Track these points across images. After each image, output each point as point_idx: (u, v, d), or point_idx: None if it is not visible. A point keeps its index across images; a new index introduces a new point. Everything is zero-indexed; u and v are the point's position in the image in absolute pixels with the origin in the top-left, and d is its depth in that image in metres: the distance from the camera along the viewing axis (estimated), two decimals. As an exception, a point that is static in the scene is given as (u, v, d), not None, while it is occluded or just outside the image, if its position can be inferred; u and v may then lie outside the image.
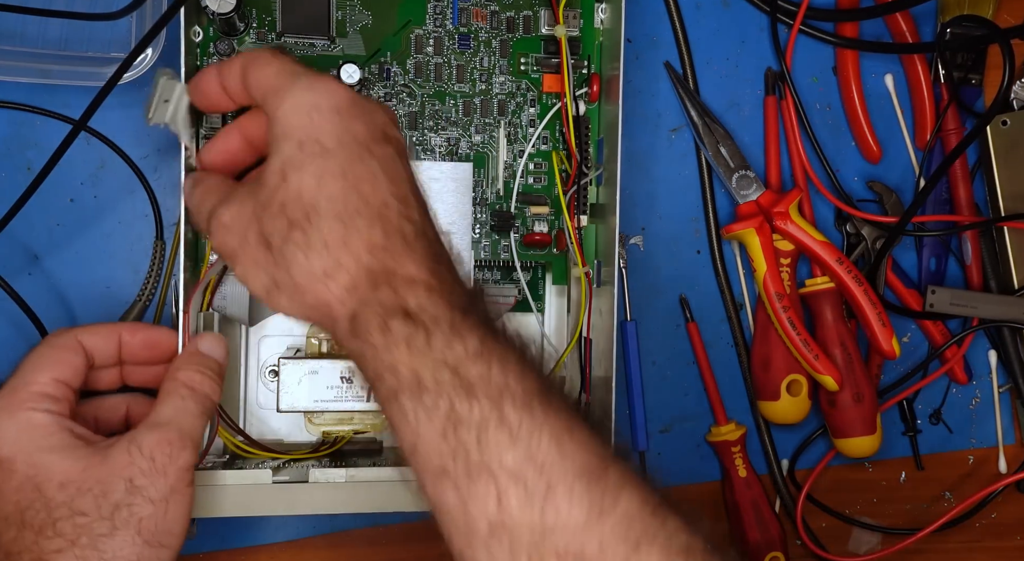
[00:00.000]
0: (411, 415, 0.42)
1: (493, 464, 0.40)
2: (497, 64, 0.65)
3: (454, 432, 0.41)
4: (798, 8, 0.69)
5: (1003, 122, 0.70)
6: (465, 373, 0.42)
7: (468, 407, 0.41)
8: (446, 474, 0.41)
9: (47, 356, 0.52)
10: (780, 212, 0.67)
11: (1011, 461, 0.75)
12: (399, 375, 0.42)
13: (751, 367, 0.70)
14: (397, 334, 0.42)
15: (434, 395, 0.41)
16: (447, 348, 0.42)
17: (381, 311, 0.43)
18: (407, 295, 0.43)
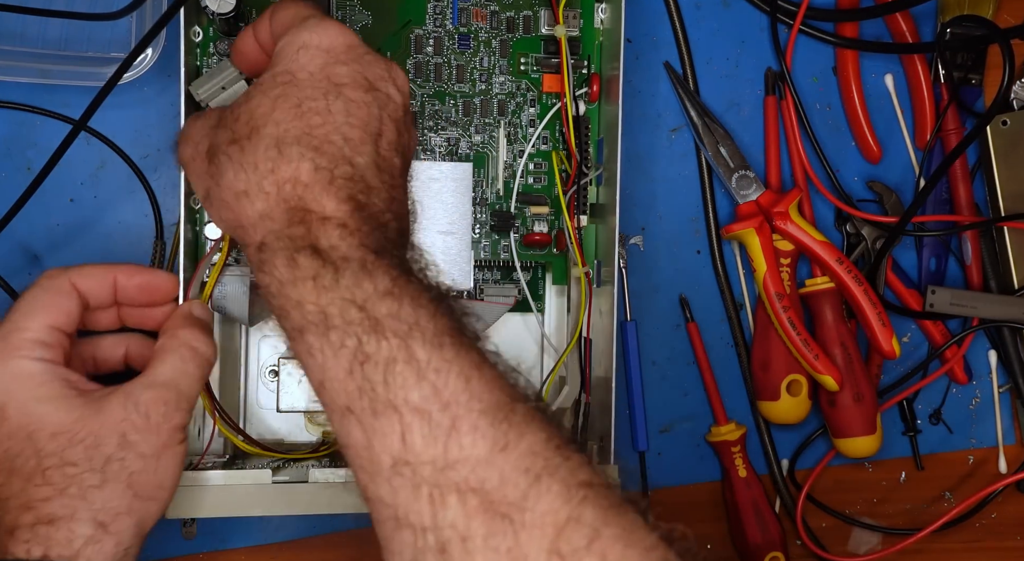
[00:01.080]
0: (317, 353, 0.41)
1: (398, 401, 0.40)
2: (497, 64, 0.65)
3: (360, 369, 0.40)
4: (798, 8, 0.69)
5: (1003, 122, 0.70)
6: (373, 311, 0.41)
7: (376, 345, 0.40)
8: (351, 411, 0.40)
9: (40, 300, 0.51)
10: (780, 212, 0.67)
11: (1011, 461, 0.75)
12: (304, 311, 0.42)
13: (751, 367, 0.70)
14: (304, 269, 0.42)
15: (341, 332, 0.41)
16: (355, 286, 0.42)
17: (290, 244, 0.43)
18: (319, 232, 0.43)
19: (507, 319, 0.67)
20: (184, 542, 0.66)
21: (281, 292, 0.43)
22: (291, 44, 0.48)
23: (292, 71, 0.47)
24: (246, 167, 0.45)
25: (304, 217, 0.43)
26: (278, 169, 0.44)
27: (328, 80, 0.47)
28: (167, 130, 0.61)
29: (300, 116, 0.45)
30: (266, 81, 0.47)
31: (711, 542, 0.72)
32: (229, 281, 0.60)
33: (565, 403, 0.65)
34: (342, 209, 0.44)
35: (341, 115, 0.46)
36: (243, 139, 0.45)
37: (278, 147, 0.44)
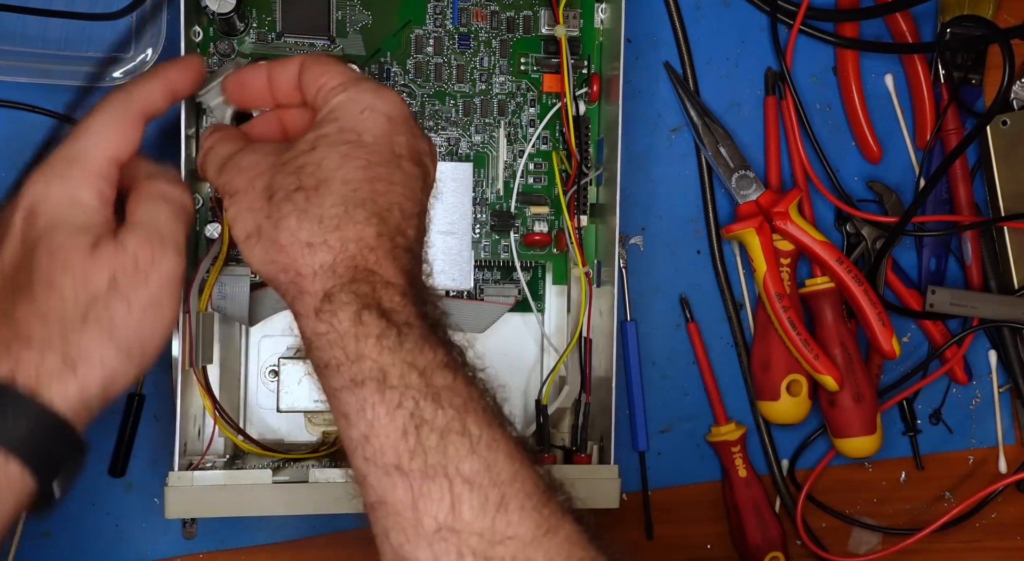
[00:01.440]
0: (370, 408, 0.42)
1: (450, 469, 0.41)
2: (497, 64, 0.65)
3: (416, 432, 0.42)
4: (798, 8, 0.69)
5: (1003, 122, 0.70)
6: (433, 379, 0.43)
7: (433, 412, 0.42)
8: (400, 470, 0.42)
9: (109, 128, 0.49)
10: (780, 212, 0.67)
11: (1011, 461, 0.75)
12: (363, 366, 0.43)
13: (751, 367, 0.70)
14: (369, 326, 0.43)
15: (399, 393, 0.42)
16: (417, 352, 0.43)
17: (357, 300, 0.43)
18: (383, 294, 0.44)
19: (507, 319, 0.67)
20: (184, 542, 0.66)
21: (340, 343, 0.43)
22: (355, 103, 0.48)
23: (359, 132, 0.47)
24: (311, 218, 0.45)
25: (369, 277, 0.44)
26: (344, 227, 0.45)
27: (391, 149, 0.47)
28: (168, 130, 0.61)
29: (368, 180, 0.46)
30: (331, 135, 0.47)
31: (711, 542, 0.72)
32: (229, 281, 0.60)
33: (565, 403, 0.65)
34: (401, 279, 0.45)
35: (399, 186, 0.47)
36: (310, 189, 0.45)
37: (345, 205, 0.45)
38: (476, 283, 0.65)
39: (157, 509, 0.65)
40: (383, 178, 0.46)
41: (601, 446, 0.63)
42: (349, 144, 0.47)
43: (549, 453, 0.63)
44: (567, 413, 0.66)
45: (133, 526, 0.65)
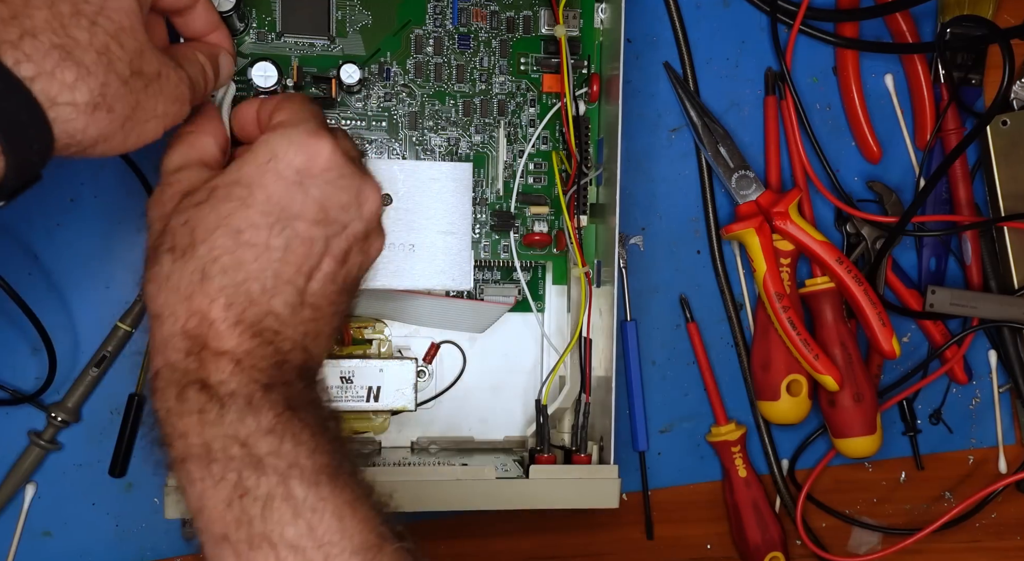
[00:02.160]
0: (197, 482, 0.43)
1: (274, 536, 0.42)
2: (497, 64, 0.65)
3: (239, 502, 0.42)
4: (798, 8, 0.69)
5: (1003, 122, 0.70)
6: (255, 448, 0.43)
7: (256, 480, 0.43)
8: (227, 541, 0.42)
9: None
10: (780, 212, 0.67)
11: (1011, 461, 0.75)
12: (188, 442, 0.44)
13: (751, 367, 0.70)
14: (191, 403, 0.44)
15: (222, 466, 0.43)
16: (239, 422, 0.43)
17: (182, 377, 0.44)
18: (211, 367, 0.44)
19: (507, 319, 0.67)
20: (184, 542, 0.66)
21: (168, 420, 0.44)
22: (265, 149, 0.47)
23: (251, 186, 0.46)
24: (170, 286, 0.45)
25: (200, 351, 0.44)
26: (193, 298, 0.45)
27: (282, 208, 0.47)
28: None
29: (236, 247, 0.46)
30: (222, 189, 0.46)
31: (711, 542, 0.72)
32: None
33: (565, 403, 0.65)
34: (242, 346, 0.45)
35: (278, 252, 0.46)
36: (178, 250, 0.46)
37: (203, 273, 0.45)
38: (476, 283, 0.65)
39: (157, 509, 0.65)
40: (256, 244, 0.46)
41: (601, 446, 0.63)
42: (234, 202, 0.46)
43: (549, 453, 0.63)
44: (567, 413, 0.66)
45: (133, 526, 0.65)
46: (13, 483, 0.64)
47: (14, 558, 0.64)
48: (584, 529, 0.71)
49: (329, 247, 0.49)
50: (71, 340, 0.64)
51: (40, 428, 0.64)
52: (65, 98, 0.41)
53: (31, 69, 0.40)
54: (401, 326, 0.66)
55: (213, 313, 0.45)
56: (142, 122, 0.46)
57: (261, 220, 0.46)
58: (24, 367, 0.64)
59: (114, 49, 0.43)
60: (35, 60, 0.40)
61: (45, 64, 0.40)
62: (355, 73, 0.61)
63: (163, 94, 0.47)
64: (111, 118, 0.43)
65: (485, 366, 0.67)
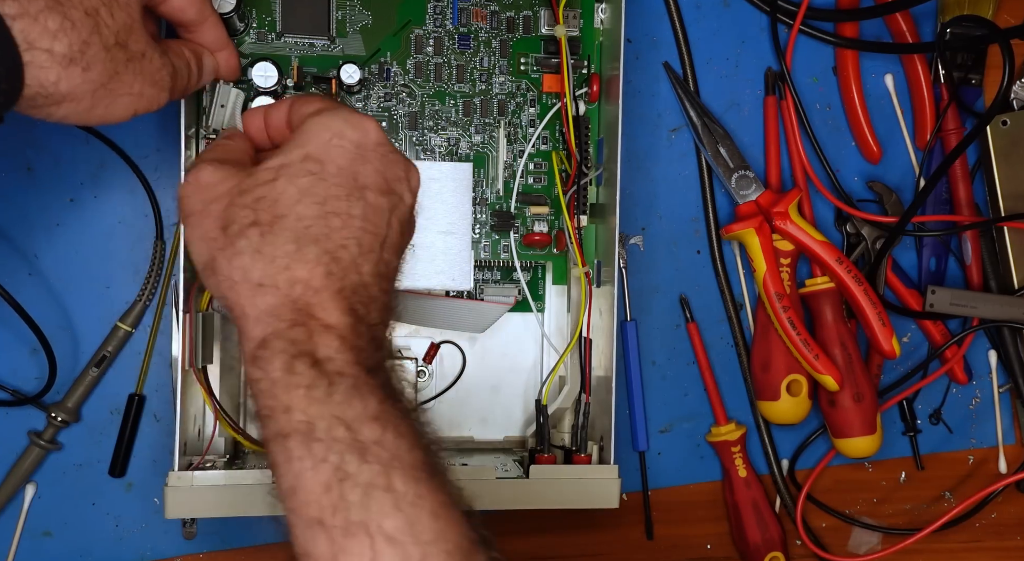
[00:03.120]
0: (296, 460, 0.42)
1: (372, 526, 0.41)
2: (497, 64, 0.65)
3: (339, 486, 0.41)
4: (798, 8, 0.69)
5: (1003, 122, 0.70)
6: (360, 433, 0.42)
7: (357, 467, 0.41)
8: (322, 525, 0.41)
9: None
10: (780, 212, 0.67)
11: (1011, 461, 0.75)
12: (292, 418, 0.42)
13: (751, 367, 0.70)
14: (300, 377, 0.43)
15: (325, 447, 0.42)
16: (346, 404, 0.42)
17: (290, 347, 0.43)
18: (319, 341, 0.43)
19: (507, 319, 0.67)
20: (184, 542, 0.66)
21: (272, 392, 0.43)
22: (324, 128, 0.48)
23: (322, 160, 0.47)
24: (264, 257, 0.45)
25: (308, 322, 0.44)
26: (293, 266, 0.44)
27: (354, 180, 0.47)
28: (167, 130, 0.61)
29: (323, 216, 0.46)
30: (294, 164, 0.47)
31: (711, 542, 0.72)
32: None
33: (565, 403, 0.65)
34: (344, 321, 0.44)
35: (359, 220, 0.47)
36: (264, 225, 0.45)
37: (297, 243, 0.45)
38: (476, 283, 0.65)
39: (157, 509, 0.65)
40: (340, 212, 0.46)
41: (601, 446, 0.63)
42: (310, 176, 0.46)
43: (549, 453, 0.63)
44: (567, 413, 0.66)
45: (133, 526, 0.65)
46: (13, 483, 0.64)
47: (14, 558, 0.64)
48: (584, 529, 0.71)
49: (392, 218, 0.49)
50: (71, 340, 0.64)
51: (40, 428, 0.64)
52: (43, 44, 0.41)
53: (15, 8, 0.40)
54: (401, 326, 0.66)
55: (315, 281, 0.44)
56: (115, 95, 0.46)
57: (339, 191, 0.46)
58: (24, 367, 0.64)
59: (104, 15, 0.43)
60: (21, 2, 0.40)
61: (30, 7, 0.40)
62: (355, 73, 0.61)
63: (143, 74, 0.47)
64: (85, 78, 0.43)
65: (485, 366, 0.67)
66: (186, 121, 0.58)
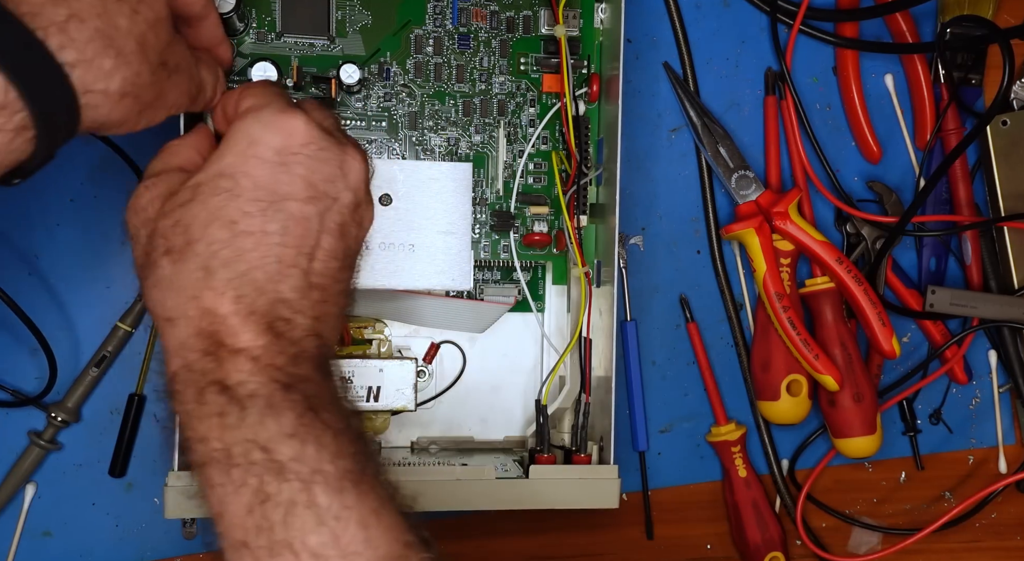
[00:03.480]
0: (218, 487, 0.42)
1: (296, 544, 0.41)
2: (497, 64, 0.65)
3: (260, 508, 0.41)
4: (798, 8, 0.69)
5: (1003, 122, 0.70)
6: (277, 452, 0.42)
7: (277, 487, 0.41)
8: (247, 547, 0.41)
9: None
10: (780, 212, 0.67)
11: (1011, 461, 0.75)
12: (208, 447, 0.42)
13: (751, 367, 0.70)
14: (211, 406, 0.43)
15: (243, 471, 0.42)
16: (259, 425, 0.42)
17: (200, 378, 0.43)
18: (229, 367, 0.43)
19: (507, 319, 0.67)
20: (184, 542, 0.66)
21: (188, 424, 0.43)
22: (242, 136, 0.46)
23: (235, 175, 0.45)
24: (175, 287, 0.44)
25: (216, 350, 0.43)
26: (201, 296, 0.44)
27: (271, 191, 0.46)
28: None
29: (233, 238, 0.45)
30: (208, 183, 0.46)
31: (711, 542, 0.72)
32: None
33: (565, 403, 0.65)
34: (258, 341, 0.44)
35: (276, 235, 0.45)
36: (176, 252, 0.45)
37: (206, 270, 0.44)
38: (476, 283, 0.65)
39: (157, 509, 0.65)
40: (253, 231, 0.45)
41: (601, 446, 0.63)
42: (223, 194, 0.45)
43: (549, 453, 0.63)
44: (567, 413, 0.66)
45: (133, 526, 0.65)
46: (13, 483, 0.64)
47: (14, 558, 0.64)
48: (584, 529, 0.71)
49: (324, 223, 0.47)
50: (71, 340, 0.64)
51: (40, 428, 0.64)
52: (99, 86, 0.41)
53: (73, 55, 0.40)
54: (401, 326, 0.66)
55: (223, 308, 0.44)
56: (156, 109, 0.46)
57: (253, 207, 0.45)
58: (24, 367, 0.64)
59: (150, 38, 0.43)
60: (78, 46, 0.40)
61: (87, 51, 0.40)
62: (355, 73, 0.61)
63: (179, 87, 0.47)
64: (134, 105, 0.43)
65: (485, 366, 0.67)
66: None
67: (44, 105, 0.39)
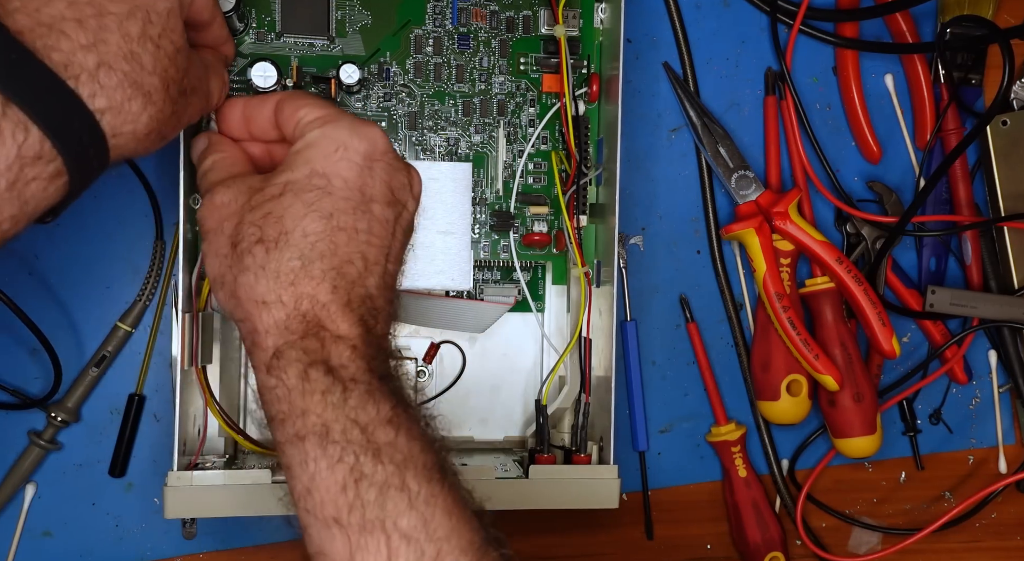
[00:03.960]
0: (311, 461, 0.43)
1: (388, 524, 0.42)
2: (497, 64, 0.65)
3: (355, 486, 0.42)
4: (798, 8, 0.69)
5: (1003, 122, 0.70)
6: (374, 435, 0.44)
7: (373, 467, 0.43)
8: (338, 523, 0.42)
9: None
10: (779, 212, 0.67)
11: (1011, 461, 0.75)
12: (308, 421, 0.44)
13: (751, 367, 0.70)
14: (316, 383, 0.44)
15: (340, 448, 0.43)
16: (360, 408, 0.44)
17: (304, 357, 0.45)
18: (332, 350, 0.45)
19: (507, 319, 0.67)
20: (184, 542, 0.66)
21: (287, 398, 0.44)
22: (330, 140, 0.48)
23: (328, 175, 0.47)
24: (269, 274, 0.46)
25: (319, 332, 0.45)
26: (299, 283, 0.46)
27: (360, 193, 0.48)
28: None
29: (329, 232, 0.46)
30: (301, 180, 0.47)
31: (711, 542, 0.72)
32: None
33: (565, 403, 0.65)
34: (354, 331, 0.46)
35: (365, 234, 0.48)
36: (270, 241, 0.46)
37: (302, 260, 0.46)
38: (476, 283, 0.65)
39: (157, 509, 0.65)
40: (346, 227, 0.47)
41: (601, 446, 0.63)
42: (316, 191, 0.47)
43: (549, 453, 0.63)
44: (567, 413, 0.66)
45: (133, 526, 0.65)
46: (13, 483, 0.64)
47: (14, 558, 0.64)
48: (584, 529, 0.71)
49: (396, 227, 0.50)
50: (71, 340, 0.64)
51: (40, 428, 0.64)
52: (128, 129, 0.42)
53: (104, 102, 0.41)
54: (401, 326, 0.65)
55: (322, 296, 0.45)
56: (175, 130, 0.47)
57: (345, 205, 0.47)
58: (24, 367, 0.64)
59: (172, 72, 0.44)
60: (108, 93, 0.41)
61: (116, 96, 0.41)
62: (355, 73, 0.61)
63: (194, 106, 0.49)
64: (158, 140, 0.45)
65: (485, 366, 0.67)
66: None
67: (77, 153, 0.40)
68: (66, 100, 0.40)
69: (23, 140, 0.39)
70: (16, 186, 0.39)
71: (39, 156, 0.39)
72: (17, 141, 0.38)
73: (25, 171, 0.39)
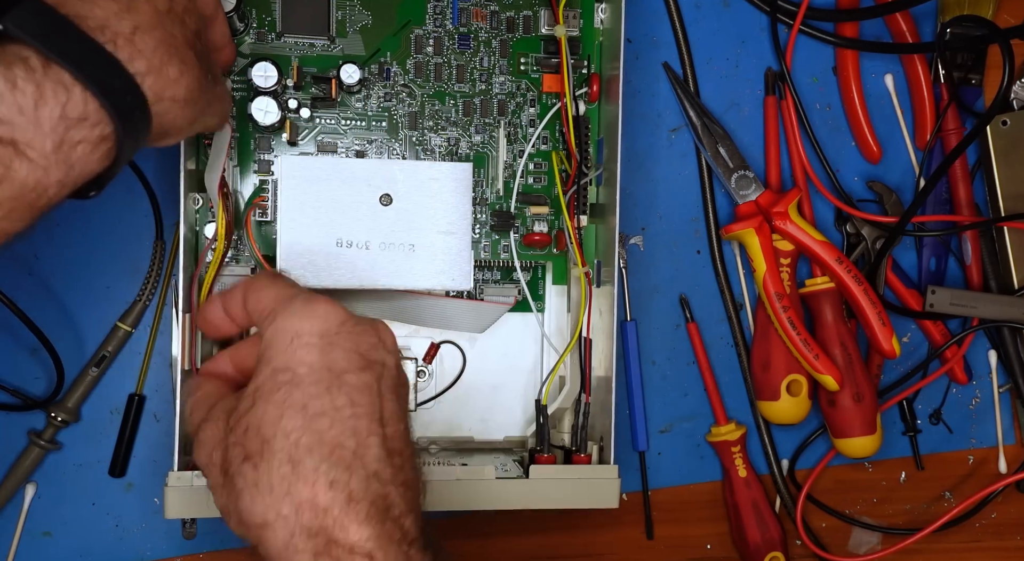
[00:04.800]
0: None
1: None
2: (497, 64, 0.65)
3: None
4: (798, 8, 0.69)
5: (1003, 122, 0.70)
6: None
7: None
8: None
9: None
10: (779, 212, 0.67)
11: (1011, 461, 0.75)
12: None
13: (751, 367, 0.70)
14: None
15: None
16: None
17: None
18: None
19: (507, 319, 0.67)
20: (184, 542, 0.66)
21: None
22: (283, 333, 0.46)
23: (291, 367, 0.45)
24: (262, 490, 0.43)
25: (331, 549, 0.42)
26: (294, 490, 0.43)
27: (328, 371, 0.46)
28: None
29: (308, 422, 0.44)
30: (267, 384, 0.45)
31: (711, 542, 0.72)
32: (229, 280, 0.60)
33: (565, 403, 0.65)
34: (366, 532, 0.43)
35: (346, 409, 0.45)
36: (255, 456, 0.44)
37: (291, 463, 0.43)
38: (476, 283, 0.65)
39: (157, 509, 0.65)
40: (325, 411, 0.44)
41: (601, 446, 0.63)
42: (284, 387, 0.45)
43: (549, 453, 0.63)
44: (567, 413, 0.66)
45: (133, 526, 0.65)
46: (13, 483, 0.64)
47: (14, 558, 0.64)
48: (584, 529, 0.71)
49: (383, 388, 0.47)
50: (72, 340, 0.64)
51: (40, 428, 0.64)
52: (168, 93, 0.42)
53: (143, 65, 0.41)
54: (401, 326, 0.66)
55: (321, 498, 0.43)
56: (206, 117, 0.47)
57: (316, 389, 0.45)
58: (24, 367, 0.64)
59: (198, 47, 0.44)
60: (146, 56, 0.41)
61: (154, 60, 0.41)
62: (355, 73, 0.61)
63: (221, 98, 0.48)
64: (195, 112, 0.45)
65: (485, 366, 0.67)
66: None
67: (123, 114, 0.40)
68: (106, 62, 0.39)
69: (66, 100, 0.38)
70: (63, 148, 0.39)
71: (84, 117, 0.39)
72: (60, 101, 0.38)
73: (71, 133, 0.39)
